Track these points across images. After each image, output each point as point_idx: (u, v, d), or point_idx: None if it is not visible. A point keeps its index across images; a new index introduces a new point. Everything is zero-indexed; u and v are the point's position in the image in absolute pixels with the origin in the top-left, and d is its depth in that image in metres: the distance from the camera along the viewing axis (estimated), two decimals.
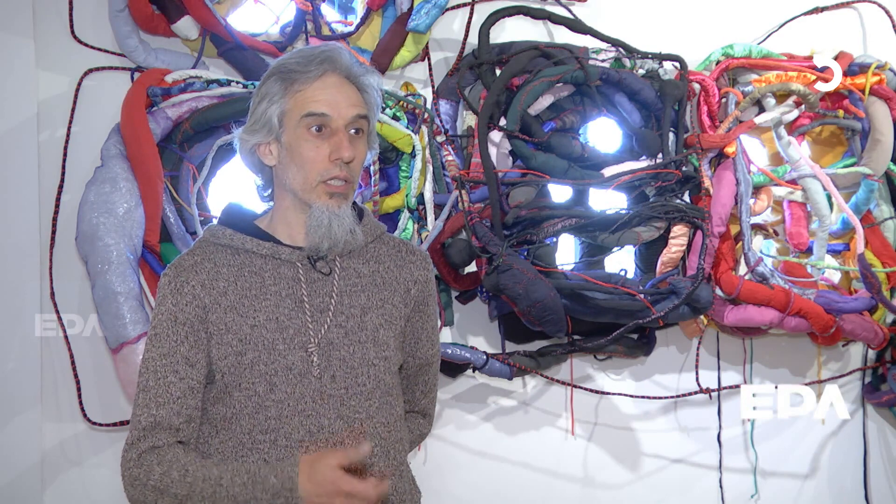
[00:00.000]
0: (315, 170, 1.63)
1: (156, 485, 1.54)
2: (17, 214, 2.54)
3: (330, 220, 1.64)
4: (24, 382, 2.54)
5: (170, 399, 1.60)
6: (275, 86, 1.65)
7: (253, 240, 1.68)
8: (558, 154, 2.67)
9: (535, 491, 2.92)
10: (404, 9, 2.65)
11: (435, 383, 1.92)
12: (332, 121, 1.63)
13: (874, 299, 2.83)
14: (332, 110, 1.63)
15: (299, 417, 1.63)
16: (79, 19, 2.59)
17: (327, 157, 1.63)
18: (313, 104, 1.63)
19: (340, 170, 1.63)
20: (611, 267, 2.82)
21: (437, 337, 1.87)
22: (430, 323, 1.83)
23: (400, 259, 1.79)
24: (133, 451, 1.57)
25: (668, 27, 2.96)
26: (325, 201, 1.64)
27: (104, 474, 2.61)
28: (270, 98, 1.65)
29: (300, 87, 1.63)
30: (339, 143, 1.62)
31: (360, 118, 1.66)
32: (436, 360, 1.89)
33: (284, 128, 1.65)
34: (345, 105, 1.64)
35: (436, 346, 1.87)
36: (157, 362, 1.62)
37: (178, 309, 1.63)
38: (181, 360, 1.62)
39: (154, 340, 1.63)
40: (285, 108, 1.64)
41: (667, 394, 2.97)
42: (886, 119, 2.90)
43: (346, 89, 1.65)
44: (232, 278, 1.66)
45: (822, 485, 3.11)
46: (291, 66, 1.64)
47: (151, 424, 1.58)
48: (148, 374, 1.62)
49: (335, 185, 1.64)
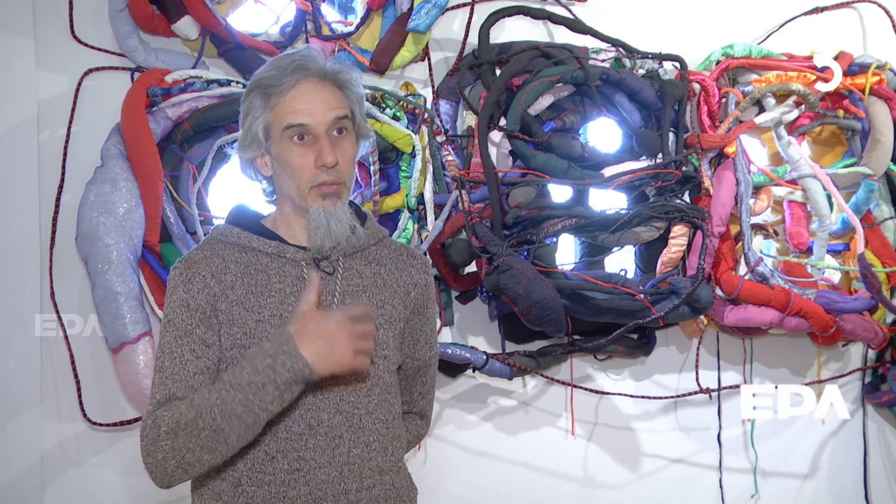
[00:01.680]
0: (304, 177, 1.67)
1: (168, 428, 1.54)
2: (17, 214, 2.54)
3: (328, 220, 1.67)
4: (24, 382, 2.54)
5: (186, 375, 1.62)
6: (255, 101, 1.69)
7: (259, 238, 1.72)
8: (558, 154, 2.67)
9: (535, 491, 2.92)
10: (404, 9, 2.65)
11: (432, 385, 1.95)
12: (311, 128, 1.66)
13: (874, 299, 2.83)
14: (310, 118, 1.66)
15: (299, 411, 1.65)
16: (79, 19, 2.59)
17: (313, 163, 1.66)
18: (291, 115, 1.66)
19: (328, 174, 1.66)
20: (611, 267, 2.82)
21: (435, 339, 1.90)
22: (429, 326, 1.86)
23: (401, 262, 1.82)
24: (149, 420, 1.58)
25: (668, 27, 2.97)
26: (321, 203, 1.67)
27: (104, 474, 2.61)
28: (253, 114, 1.69)
29: (277, 99, 1.67)
30: (320, 150, 1.65)
31: (340, 119, 1.68)
32: (433, 363, 1.92)
33: (272, 140, 1.69)
34: (321, 110, 1.66)
35: (434, 349, 1.90)
36: (173, 344, 1.64)
37: (190, 296, 1.66)
38: (197, 339, 1.64)
39: (168, 326, 1.66)
40: (268, 122, 1.68)
41: (667, 394, 2.97)
42: (886, 119, 2.90)
43: (322, 93, 1.68)
44: (239, 274, 1.69)
45: (822, 485, 3.12)
46: (266, 79, 1.68)
47: (166, 397, 1.60)
48: (164, 356, 1.64)
49: (326, 188, 1.67)
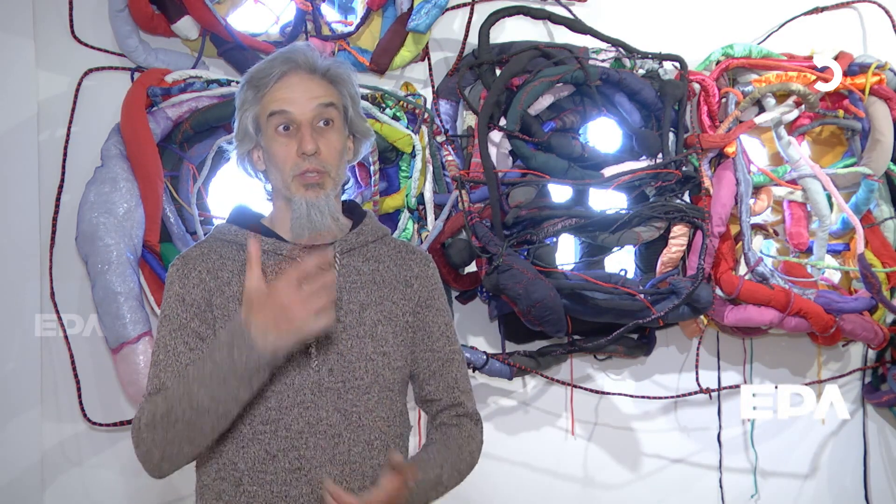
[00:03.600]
0: (287, 166, 1.68)
1: (147, 421, 1.56)
2: (17, 214, 2.54)
3: (308, 210, 1.67)
4: (24, 382, 2.54)
5: (178, 366, 1.63)
6: (248, 94, 1.71)
7: (256, 236, 1.72)
8: (558, 154, 2.67)
9: (535, 491, 2.92)
10: (404, 9, 2.65)
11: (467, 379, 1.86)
12: (294, 117, 1.67)
13: (874, 299, 2.83)
14: (292, 106, 1.67)
15: (298, 409, 1.65)
16: (79, 19, 2.59)
17: (295, 153, 1.67)
18: (274, 104, 1.68)
19: (309, 163, 1.67)
20: (611, 267, 2.82)
21: (452, 332, 1.84)
22: (442, 318, 1.82)
23: (400, 258, 1.81)
24: (138, 412, 1.61)
25: (668, 27, 2.97)
26: (303, 193, 1.68)
27: (104, 474, 2.61)
28: (244, 107, 1.71)
29: (264, 90, 1.69)
30: (301, 138, 1.66)
31: (325, 107, 1.69)
32: (457, 357, 1.85)
33: (261, 132, 1.70)
34: (304, 99, 1.67)
35: (453, 342, 1.84)
36: (167, 338, 1.66)
37: (186, 291, 1.68)
38: (191, 332, 1.65)
39: (164, 322, 1.68)
40: (256, 114, 1.70)
41: (667, 394, 2.97)
42: (886, 119, 2.90)
43: (309, 84, 1.69)
44: (236, 271, 1.70)
45: (822, 485, 3.11)
46: (256, 73, 1.70)
47: (157, 388, 1.62)
48: (159, 350, 1.66)
49: (309, 177, 1.67)
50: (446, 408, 1.81)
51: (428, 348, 1.80)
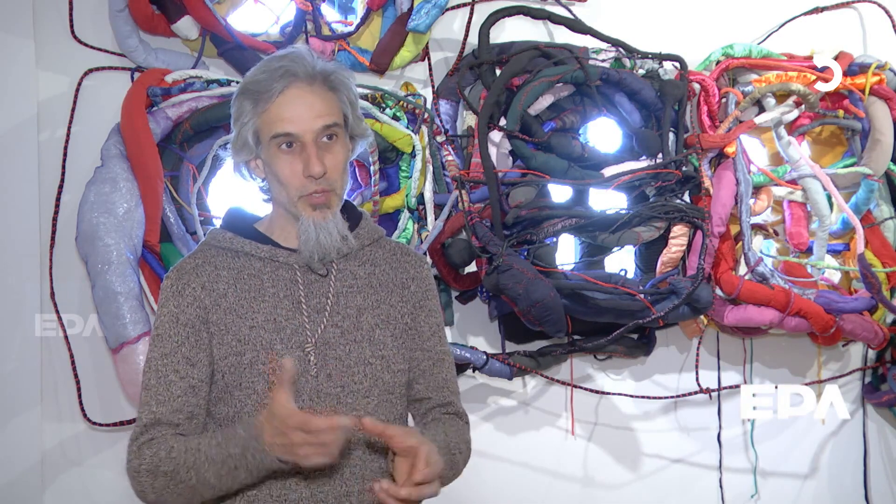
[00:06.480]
0: (293, 186, 1.66)
1: (148, 468, 1.58)
2: (17, 214, 2.54)
3: (317, 233, 1.66)
4: (24, 382, 2.54)
5: (170, 397, 1.63)
6: (245, 105, 1.67)
7: (252, 243, 1.72)
8: (558, 154, 2.67)
9: (535, 491, 2.92)
10: (404, 9, 2.65)
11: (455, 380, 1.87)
12: (299, 136, 1.64)
13: (874, 299, 2.83)
14: (297, 127, 1.64)
15: None
16: (79, 19, 2.59)
17: (301, 173, 1.65)
18: (279, 124, 1.64)
19: (317, 184, 1.65)
20: (611, 267, 2.82)
21: (442, 332, 1.85)
22: (434, 319, 1.83)
23: (395, 261, 1.81)
24: (134, 445, 1.62)
25: (668, 27, 2.96)
26: (310, 214, 1.66)
27: (104, 474, 2.61)
28: (242, 119, 1.67)
29: (265, 105, 1.65)
30: (307, 160, 1.64)
31: (329, 127, 1.66)
32: (447, 358, 1.85)
33: (261, 145, 1.68)
34: (309, 118, 1.64)
35: (444, 343, 1.85)
36: (159, 362, 1.65)
37: (180, 310, 1.67)
38: (182, 359, 1.65)
39: (156, 341, 1.67)
40: (257, 128, 1.67)
41: (667, 394, 2.97)
42: (886, 119, 2.90)
43: (311, 98, 1.65)
44: (231, 280, 1.69)
45: (822, 485, 3.12)
46: (255, 84, 1.65)
47: (152, 421, 1.62)
48: (150, 373, 1.66)
49: (316, 198, 1.66)
50: (436, 406, 1.81)
51: (419, 347, 1.80)
